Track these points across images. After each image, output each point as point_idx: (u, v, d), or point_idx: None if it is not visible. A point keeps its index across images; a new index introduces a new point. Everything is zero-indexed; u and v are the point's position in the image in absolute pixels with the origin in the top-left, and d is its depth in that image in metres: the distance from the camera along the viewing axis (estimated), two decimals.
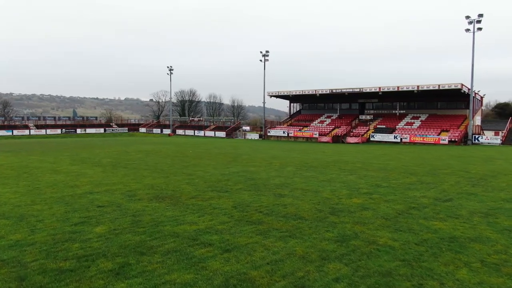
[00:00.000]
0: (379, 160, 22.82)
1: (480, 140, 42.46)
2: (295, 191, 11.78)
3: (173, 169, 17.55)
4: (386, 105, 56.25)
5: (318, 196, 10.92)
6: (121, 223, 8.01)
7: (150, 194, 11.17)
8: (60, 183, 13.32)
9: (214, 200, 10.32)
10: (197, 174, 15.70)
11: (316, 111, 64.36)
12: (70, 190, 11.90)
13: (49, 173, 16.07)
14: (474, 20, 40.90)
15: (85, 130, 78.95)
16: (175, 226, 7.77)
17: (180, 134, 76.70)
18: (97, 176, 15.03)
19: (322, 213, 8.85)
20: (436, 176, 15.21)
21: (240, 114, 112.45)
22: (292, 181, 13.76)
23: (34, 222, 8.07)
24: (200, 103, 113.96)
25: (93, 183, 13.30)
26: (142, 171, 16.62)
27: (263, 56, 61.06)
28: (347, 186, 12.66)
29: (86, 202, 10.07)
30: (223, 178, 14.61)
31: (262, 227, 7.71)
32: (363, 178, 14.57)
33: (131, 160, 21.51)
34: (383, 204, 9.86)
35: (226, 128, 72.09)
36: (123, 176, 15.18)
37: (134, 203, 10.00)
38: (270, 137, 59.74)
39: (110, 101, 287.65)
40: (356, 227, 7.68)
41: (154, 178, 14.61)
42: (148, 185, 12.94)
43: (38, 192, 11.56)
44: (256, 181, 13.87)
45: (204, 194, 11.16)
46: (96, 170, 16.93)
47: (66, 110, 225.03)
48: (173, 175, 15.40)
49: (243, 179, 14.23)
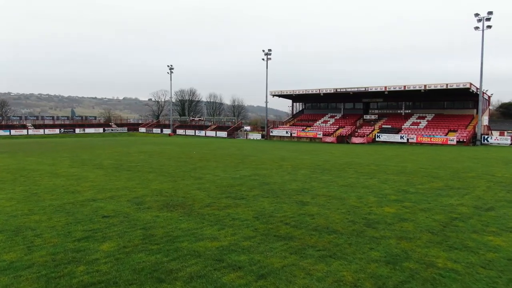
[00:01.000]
0: (392, 162, 21.84)
1: (489, 141, 41.50)
2: (318, 198, 10.78)
3: (180, 172, 16.54)
4: (391, 104, 55.27)
5: (345, 204, 9.92)
6: (131, 238, 6.99)
7: (160, 202, 10.15)
8: (59, 188, 12.30)
9: (232, 209, 9.31)
10: (207, 178, 14.70)
11: (319, 111, 63.35)
12: (71, 197, 10.88)
13: (48, 176, 15.03)
14: (484, 17, 39.96)
15: (84, 130, 77.81)
16: (194, 242, 6.76)
17: (180, 134, 75.62)
18: (99, 180, 14.01)
19: (357, 226, 7.85)
20: (463, 181, 14.23)
21: (240, 114, 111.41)
22: (310, 186, 12.76)
23: (32, 237, 7.05)
24: (200, 102, 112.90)
25: (95, 188, 12.28)
26: (147, 175, 15.61)
27: (265, 55, 60.02)
28: (372, 192, 11.66)
29: (90, 212, 9.05)
30: (235, 182, 13.60)
31: (294, 243, 6.70)
32: (385, 183, 13.58)
33: (134, 162, 20.49)
34: (420, 214, 8.87)
35: (228, 128, 71.04)
36: (127, 180, 14.16)
37: (143, 212, 8.98)
38: (272, 137, 58.71)
39: (108, 101, 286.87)
40: (402, 244, 6.68)
41: (161, 182, 13.60)
42: (155, 190, 11.92)
43: (36, 199, 10.53)
44: (271, 186, 12.87)
45: (219, 202, 10.15)
46: (97, 173, 15.91)
47: (65, 110, 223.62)
48: (181, 179, 14.39)
49: (257, 184, 13.22)
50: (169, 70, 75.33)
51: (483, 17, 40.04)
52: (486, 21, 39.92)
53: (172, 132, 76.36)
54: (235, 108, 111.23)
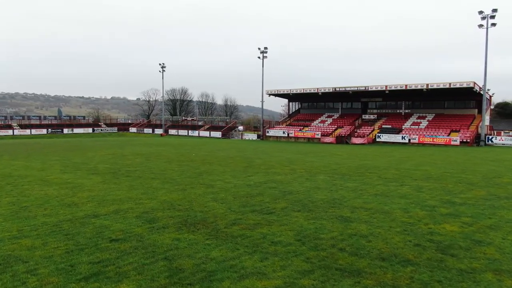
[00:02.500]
0: (408, 164, 20.52)
1: (493, 141, 40.64)
2: (358, 212, 9.31)
3: (185, 178, 14.93)
4: (390, 104, 54.24)
5: (395, 220, 8.47)
6: (153, 274, 5.42)
7: (175, 218, 8.57)
8: (53, 200, 10.62)
9: (265, 228, 7.78)
10: (218, 186, 13.14)
11: (316, 111, 62.07)
12: (67, 212, 9.22)
13: (38, 184, 13.30)
14: (488, 15, 39.08)
15: (73, 130, 75.32)
16: (237, 281, 5.22)
17: (173, 134, 73.66)
18: (97, 189, 12.34)
19: (429, 252, 6.39)
20: (503, 188, 12.91)
21: (233, 113, 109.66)
22: (340, 196, 11.29)
23: (24, 273, 5.44)
24: (191, 102, 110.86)
25: (95, 200, 10.63)
26: (150, 181, 13.98)
27: (261, 53, 58.54)
28: (415, 204, 10.24)
29: (93, 233, 7.44)
30: (253, 191, 12.07)
31: (367, 281, 5.21)
32: (421, 191, 12.18)
33: (132, 166, 18.81)
34: (492, 234, 7.46)
35: (222, 128, 69.34)
36: (129, 188, 12.52)
37: (159, 234, 7.40)
38: (269, 138, 57.24)
39: (96, 100, 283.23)
40: (506, 281, 5.24)
41: (168, 191, 11.99)
42: (165, 202, 10.33)
43: (26, 215, 8.86)
44: (296, 195, 11.37)
45: (245, 218, 8.61)
46: (94, 180, 14.21)
47: (51, 109, 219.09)
48: (190, 187, 12.80)
49: (279, 193, 11.71)
50: (161, 68, 73.37)
51: (487, 14, 39.17)
52: (491, 18, 39.06)
53: (164, 132, 74.37)
54: (227, 108, 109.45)
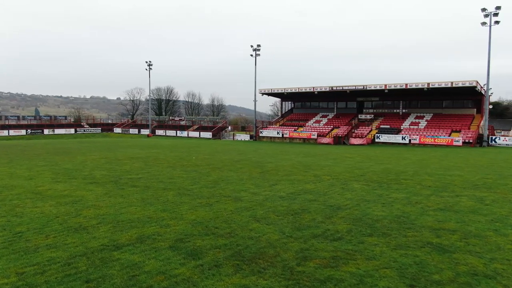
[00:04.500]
0: (432, 168, 18.98)
1: (497, 142, 39.83)
2: (443, 235, 7.53)
3: (201, 188, 12.91)
4: (386, 104, 53.12)
5: (502, 249, 6.72)
6: None
7: (223, 249, 6.59)
8: (53, 222, 8.48)
9: (351, 266, 5.88)
10: (246, 198, 11.19)
11: (310, 110, 60.51)
12: (77, 240, 7.13)
13: (30, 198, 11.05)
14: (491, 13, 38.20)
15: (54, 131, 71.69)
16: None
17: (160, 134, 70.92)
18: (104, 205, 10.22)
19: None
20: None
21: (220, 113, 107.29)
22: (401, 212, 9.51)
23: None
24: (177, 102, 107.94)
25: (106, 221, 8.54)
26: (163, 193, 11.91)
27: (254, 51, 56.57)
28: (500, 221, 8.53)
29: (124, 278, 5.40)
30: (293, 205, 10.17)
31: None
32: (487, 204, 10.50)
33: (133, 173, 16.65)
34: None
35: (212, 129, 67.03)
36: (142, 203, 10.44)
37: (215, 278, 5.42)
38: (262, 138, 55.34)
39: (75, 100, 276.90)
40: None
41: (192, 207, 9.97)
42: (196, 224, 8.32)
43: (24, 247, 6.74)
44: (347, 211, 9.53)
45: (313, 248, 6.69)
46: (96, 192, 12.05)
47: (28, 109, 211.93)
48: (215, 201, 10.81)
49: (326, 208, 9.84)
50: (147, 66, 70.52)
51: (490, 12, 38.28)
52: (494, 16, 38.18)
53: (151, 133, 71.55)
54: (214, 108, 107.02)
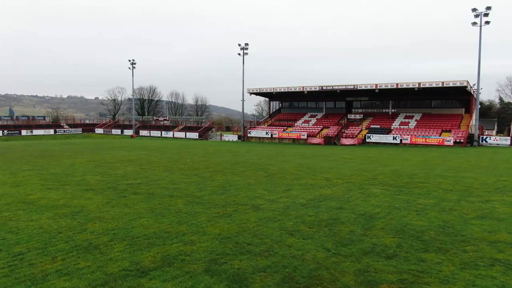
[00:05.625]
0: (441, 170, 18.48)
1: (488, 141, 40.02)
2: (510, 251, 6.75)
3: (211, 195, 11.87)
4: (375, 103, 52.98)
5: None
6: None
7: (269, 273, 5.62)
8: (56, 238, 7.31)
9: None
10: (266, 207, 10.23)
11: (298, 110, 59.88)
12: (91, 263, 6.01)
13: (23, 210, 9.78)
14: (481, 13, 38.34)
15: (32, 132, 68.79)
16: None
17: (144, 135, 69.01)
18: (109, 216, 9.08)
19: None
20: None
21: (204, 113, 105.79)
22: (442, 222, 8.72)
23: None
24: (160, 102, 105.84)
25: (119, 237, 7.44)
26: (171, 201, 10.83)
27: (241, 49, 55.58)
28: None
29: None
30: (322, 215, 9.26)
31: None
32: None
33: (129, 178, 15.44)
34: None
35: (198, 129, 65.58)
36: (151, 213, 9.34)
37: None
38: (250, 139, 54.36)
39: (51, 99, 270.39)
40: None
41: (210, 218, 8.94)
42: (223, 239, 7.31)
43: (29, 274, 5.60)
44: (383, 221, 8.69)
45: (373, 269, 5.79)
46: (95, 201, 10.86)
47: (1, 109, 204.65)
48: (232, 210, 9.81)
49: (358, 218, 8.98)
50: (130, 65, 68.51)
51: (480, 12, 38.42)
52: (484, 16, 38.35)
53: (135, 133, 69.54)
54: (198, 108, 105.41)
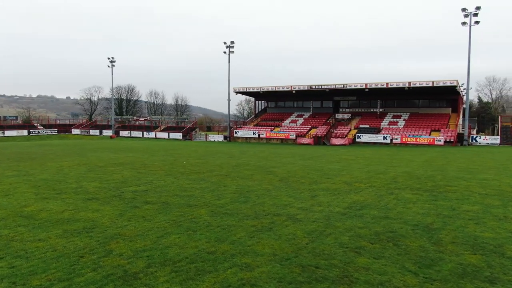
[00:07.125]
0: (453, 171, 17.95)
1: (477, 140, 40.31)
2: None
3: (232, 203, 10.71)
4: (363, 103, 52.78)
5: None
6: None
7: None
8: (80, 265, 6.00)
9: None
10: (303, 217, 9.17)
11: (285, 110, 59.06)
12: None
13: (24, 225, 8.34)
14: (471, 13, 38.53)
15: (4, 133, 65.30)
16: None
17: (125, 136, 66.61)
18: (129, 232, 7.81)
19: None
20: None
21: (184, 113, 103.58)
22: (508, 235, 7.91)
23: None
24: (139, 101, 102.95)
25: (156, 260, 6.22)
26: (190, 211, 9.63)
27: (227, 48, 54.26)
28: None
29: None
30: (376, 227, 8.29)
31: None
32: None
33: (131, 184, 14.07)
34: None
35: (181, 129, 63.78)
36: (177, 228, 8.12)
37: None
38: (237, 139, 53.15)
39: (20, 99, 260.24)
40: None
41: (250, 233, 7.81)
42: (283, 260, 6.23)
43: None
44: (446, 233, 7.80)
45: None
46: (105, 212, 9.50)
47: None
48: (269, 222, 8.70)
49: (420, 231, 8.04)
50: (109, 63, 65.97)
51: (470, 12, 38.62)
52: (474, 16, 38.55)
53: (114, 134, 67.04)
54: (178, 107, 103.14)
